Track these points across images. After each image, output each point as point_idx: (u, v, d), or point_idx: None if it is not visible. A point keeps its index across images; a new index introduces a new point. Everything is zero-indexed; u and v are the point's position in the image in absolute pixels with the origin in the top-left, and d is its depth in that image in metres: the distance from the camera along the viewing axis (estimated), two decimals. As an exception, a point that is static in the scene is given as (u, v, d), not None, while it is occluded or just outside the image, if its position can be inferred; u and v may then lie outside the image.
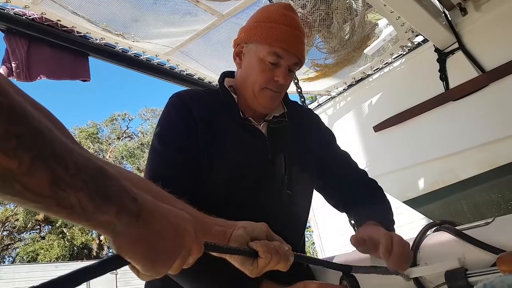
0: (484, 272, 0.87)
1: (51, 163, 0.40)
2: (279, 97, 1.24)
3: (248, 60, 1.22)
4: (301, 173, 1.25)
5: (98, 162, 0.47)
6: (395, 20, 2.70)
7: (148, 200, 0.53)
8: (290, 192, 1.20)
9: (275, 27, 1.17)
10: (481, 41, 2.69)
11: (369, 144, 3.32)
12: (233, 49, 1.29)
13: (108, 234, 0.48)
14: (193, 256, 0.61)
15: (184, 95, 1.23)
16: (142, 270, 0.53)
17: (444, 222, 1.09)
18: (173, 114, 1.18)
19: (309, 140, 1.33)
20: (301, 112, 1.40)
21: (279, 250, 0.76)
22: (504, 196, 2.60)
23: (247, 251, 0.74)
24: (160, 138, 1.15)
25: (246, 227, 0.79)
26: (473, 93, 2.69)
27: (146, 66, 2.89)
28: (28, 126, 0.39)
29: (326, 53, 3.00)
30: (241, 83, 1.24)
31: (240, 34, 1.26)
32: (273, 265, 0.75)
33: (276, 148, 1.22)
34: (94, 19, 2.48)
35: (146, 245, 0.51)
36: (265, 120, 1.26)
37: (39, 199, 0.40)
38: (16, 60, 2.35)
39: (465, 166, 2.74)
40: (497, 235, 0.94)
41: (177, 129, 1.15)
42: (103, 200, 0.45)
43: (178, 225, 0.56)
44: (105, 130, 25.72)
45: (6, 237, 21.72)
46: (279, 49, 1.16)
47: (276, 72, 1.17)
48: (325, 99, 3.74)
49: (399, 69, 3.18)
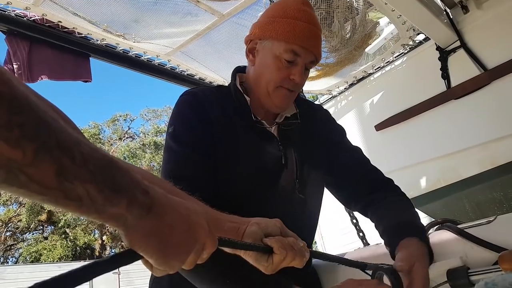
0: (486, 270, 0.87)
1: (56, 153, 0.39)
2: (293, 97, 1.20)
3: (262, 57, 1.16)
4: (312, 175, 1.22)
5: (107, 154, 0.46)
6: (396, 18, 2.69)
7: (159, 192, 0.52)
8: (302, 196, 1.16)
9: (292, 23, 1.11)
10: (483, 39, 2.68)
11: (371, 143, 3.31)
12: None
13: (119, 227, 0.47)
14: (207, 250, 0.59)
15: (198, 93, 1.18)
16: (155, 264, 0.52)
17: (446, 220, 1.09)
18: (188, 112, 1.14)
19: (319, 138, 1.29)
20: (311, 109, 1.36)
21: (294, 246, 0.75)
22: (507, 194, 2.59)
23: (261, 247, 0.72)
24: (175, 137, 1.10)
25: (260, 223, 0.78)
26: (475, 92, 2.68)
27: (147, 66, 2.89)
28: (32, 116, 0.38)
29: (327, 52, 2.99)
30: (254, 81, 1.19)
31: (254, 30, 1.20)
32: (289, 262, 0.74)
33: (288, 152, 1.18)
34: (95, 20, 2.48)
35: (158, 238, 0.50)
36: (276, 121, 1.22)
37: (45, 191, 0.39)
38: (18, 61, 2.35)
39: (467, 165, 2.73)
40: (499, 234, 0.93)
41: (192, 128, 1.11)
42: (112, 191, 0.44)
43: (190, 218, 0.55)
44: (107, 130, 25.80)
45: (9, 237, 21.78)
46: (296, 46, 1.11)
47: (293, 70, 1.13)
48: (326, 98, 3.73)
49: (400, 67, 3.17)
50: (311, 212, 1.23)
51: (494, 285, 0.49)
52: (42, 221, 21.61)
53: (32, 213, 20.68)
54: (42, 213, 20.98)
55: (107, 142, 25.24)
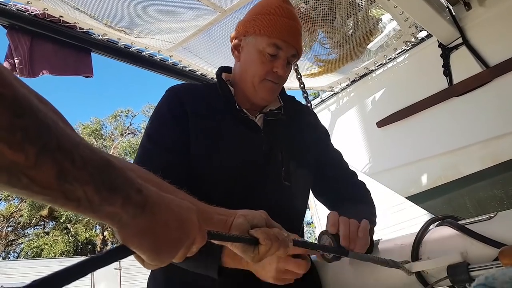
0: (487, 266, 0.87)
1: (57, 156, 0.40)
2: (278, 89, 1.25)
3: (247, 53, 1.22)
4: (299, 165, 1.26)
5: (104, 154, 0.48)
6: (399, 15, 2.69)
7: (152, 191, 0.54)
8: (287, 183, 1.20)
9: (273, 19, 1.18)
10: (485, 36, 2.67)
11: (372, 140, 3.31)
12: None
13: (114, 225, 0.49)
14: (196, 245, 0.61)
15: (178, 88, 1.24)
16: (147, 260, 0.54)
17: (446, 216, 1.09)
18: (164, 109, 1.19)
19: (305, 135, 1.33)
20: (298, 108, 1.41)
21: (279, 236, 0.78)
22: (507, 191, 2.59)
23: (248, 239, 0.75)
24: (149, 135, 1.16)
25: (246, 215, 0.80)
26: (476, 89, 2.68)
27: (149, 62, 2.88)
28: (34, 119, 0.38)
29: (329, 49, 2.99)
30: (240, 76, 1.25)
31: (238, 27, 1.26)
32: (274, 251, 0.77)
33: (272, 140, 1.22)
34: (97, 15, 2.48)
35: (151, 236, 0.52)
36: (261, 112, 1.26)
37: (46, 192, 0.40)
38: (19, 56, 2.36)
39: (469, 162, 2.73)
40: (499, 230, 0.93)
41: (167, 126, 1.16)
42: (109, 192, 0.46)
43: (182, 215, 0.57)
44: (109, 126, 25.84)
45: (11, 232, 21.89)
46: (278, 40, 1.17)
47: (275, 63, 1.18)
48: (328, 95, 3.73)
49: (402, 64, 3.16)
50: (298, 199, 1.27)
51: (494, 279, 0.49)
52: (43, 217, 21.70)
53: (34, 209, 20.76)
54: (43, 209, 21.06)
55: (109, 138, 25.29)
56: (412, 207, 3.02)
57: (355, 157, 3.18)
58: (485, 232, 0.94)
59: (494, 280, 0.50)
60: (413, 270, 1.02)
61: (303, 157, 1.29)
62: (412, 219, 2.95)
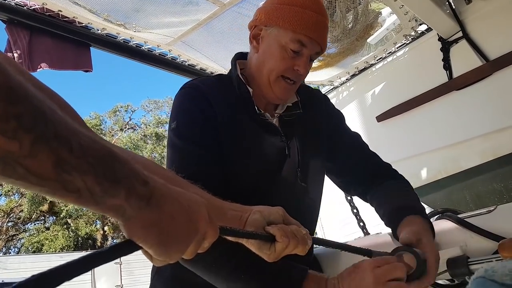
0: (486, 259, 0.87)
1: (54, 144, 0.38)
2: (294, 88, 1.18)
3: (267, 44, 1.14)
4: (313, 163, 1.22)
5: (107, 144, 0.46)
6: (399, 8, 2.67)
7: (159, 183, 0.52)
8: (304, 185, 1.17)
9: (300, 11, 1.08)
10: (485, 29, 2.66)
11: (372, 134, 3.30)
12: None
13: (118, 218, 0.47)
14: (208, 240, 0.59)
15: (199, 85, 1.15)
16: (154, 255, 0.52)
17: (446, 210, 1.09)
18: (190, 106, 1.11)
19: (319, 123, 1.29)
20: (310, 95, 1.34)
21: (297, 234, 0.74)
22: (507, 185, 2.59)
23: (264, 235, 0.72)
24: (179, 133, 1.08)
25: (262, 211, 0.77)
26: (476, 82, 2.67)
27: (148, 56, 2.87)
28: (29, 106, 0.37)
29: (329, 42, 2.98)
30: (257, 68, 1.17)
31: (259, 15, 1.17)
32: (291, 249, 0.73)
33: (290, 142, 1.18)
34: (95, 9, 2.46)
35: (158, 230, 0.49)
36: (278, 113, 1.22)
37: (44, 183, 0.39)
38: (18, 50, 2.35)
39: (468, 156, 2.73)
40: (499, 223, 0.94)
41: (196, 122, 1.09)
42: (111, 183, 0.44)
43: (191, 208, 0.55)
44: (108, 121, 25.82)
45: (11, 227, 21.92)
46: (304, 37, 1.08)
47: (297, 61, 1.11)
48: (328, 89, 3.72)
49: (402, 58, 3.15)
50: (313, 200, 1.23)
51: (494, 272, 0.49)
52: (43, 212, 21.72)
53: (34, 204, 20.77)
54: (43, 204, 21.08)
55: (108, 133, 25.26)
56: (412, 201, 3.02)
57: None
58: (484, 225, 0.94)
59: (494, 273, 0.50)
60: (413, 264, 1.02)
61: (317, 153, 1.25)
62: (412, 213, 2.95)
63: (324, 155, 1.28)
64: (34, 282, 0.40)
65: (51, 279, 0.41)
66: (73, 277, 0.43)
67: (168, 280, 1.12)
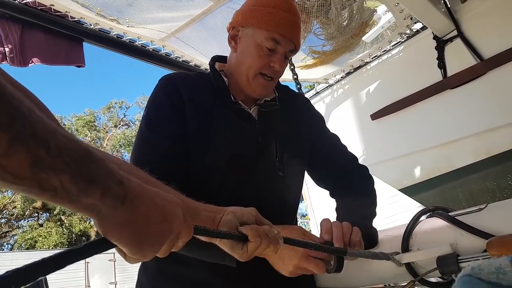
0: (476, 257, 0.87)
1: (31, 144, 0.38)
2: (272, 84, 1.24)
3: (244, 44, 1.20)
4: (293, 156, 1.25)
5: (83, 145, 0.46)
6: (394, 6, 2.67)
7: (134, 182, 0.52)
8: (281, 174, 1.19)
9: (274, 12, 1.15)
10: (480, 28, 2.66)
11: (366, 132, 3.31)
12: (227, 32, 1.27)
13: (93, 217, 0.48)
14: (182, 239, 0.60)
15: (173, 77, 1.21)
16: (129, 253, 0.53)
17: (437, 208, 1.09)
18: (162, 97, 1.17)
19: (300, 124, 1.33)
20: (292, 96, 1.39)
21: (269, 233, 0.76)
22: (500, 184, 2.60)
23: (236, 235, 0.74)
24: (147, 122, 1.13)
25: (235, 212, 0.79)
26: (470, 81, 2.67)
27: (141, 52, 2.85)
28: (5, 105, 0.37)
29: (324, 40, 2.97)
30: (236, 67, 1.23)
31: (237, 17, 1.24)
32: (263, 249, 0.75)
33: (266, 132, 1.21)
34: (88, 3, 2.44)
35: (132, 229, 0.50)
36: (256, 104, 1.25)
37: (19, 181, 0.39)
38: (10, 44, 2.32)
39: (462, 154, 2.74)
40: (489, 221, 0.93)
41: (165, 113, 1.13)
42: (87, 182, 0.44)
43: (165, 208, 0.55)
44: (102, 118, 25.71)
45: (4, 224, 21.81)
46: (277, 34, 1.15)
47: (273, 58, 1.17)
48: (322, 87, 3.72)
49: (397, 56, 3.15)
50: (291, 190, 1.26)
51: (480, 270, 0.49)
52: (37, 208, 21.62)
53: (27, 200, 20.67)
54: (37, 200, 20.96)
55: (103, 129, 25.18)
56: (405, 199, 3.03)
57: (349, 149, 3.15)
58: (475, 223, 0.94)
59: (480, 271, 0.49)
60: (403, 262, 1.02)
61: (297, 147, 1.28)
62: (405, 211, 2.96)
63: (304, 153, 1.31)
64: (9, 278, 0.40)
65: (26, 275, 0.41)
66: (48, 274, 0.43)
67: (153, 275, 1.14)
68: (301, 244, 0.85)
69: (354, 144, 3.32)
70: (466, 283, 0.49)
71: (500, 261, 0.52)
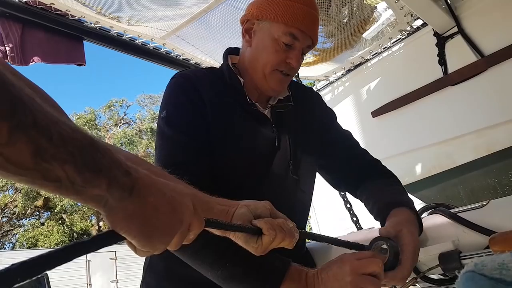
0: (478, 254, 0.87)
1: (32, 133, 0.38)
2: (288, 81, 1.20)
3: (260, 38, 1.14)
4: (305, 157, 1.22)
5: (87, 134, 0.45)
6: (394, 3, 2.66)
7: (142, 173, 0.51)
8: (296, 177, 1.17)
9: (292, 5, 1.09)
10: (480, 25, 2.66)
11: (367, 130, 3.30)
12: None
13: (100, 209, 0.47)
14: (193, 231, 0.58)
15: (189, 75, 1.16)
16: (138, 246, 0.51)
17: (439, 205, 1.09)
18: (180, 95, 1.11)
19: (311, 120, 1.29)
20: (303, 92, 1.36)
21: (284, 227, 0.74)
22: (501, 181, 2.60)
23: (250, 229, 0.72)
24: (168, 122, 1.08)
25: (249, 205, 0.77)
26: (471, 78, 2.67)
27: (142, 50, 2.84)
28: (6, 94, 0.36)
29: (325, 37, 2.97)
30: (250, 62, 1.18)
31: (251, 9, 1.18)
32: (278, 243, 0.73)
33: (282, 134, 1.18)
34: (88, 2, 2.43)
35: (141, 220, 0.49)
36: (270, 104, 1.22)
37: (22, 172, 0.38)
38: (10, 43, 2.32)
39: (463, 151, 2.73)
40: (491, 218, 0.93)
41: (186, 111, 1.09)
42: (92, 173, 0.43)
43: (175, 199, 0.54)
44: (103, 116, 25.70)
45: (6, 223, 21.83)
46: (295, 30, 1.10)
47: (290, 54, 1.12)
48: (323, 85, 3.71)
49: (397, 53, 3.15)
50: (304, 192, 1.23)
51: (483, 266, 0.49)
52: (38, 207, 21.64)
53: (28, 199, 20.69)
54: (38, 199, 20.99)
55: (103, 128, 25.17)
56: (406, 197, 3.02)
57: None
58: (477, 220, 0.94)
59: (483, 267, 0.49)
60: (405, 258, 1.02)
61: (309, 148, 1.25)
62: (406, 208, 2.95)
63: (316, 150, 1.28)
64: (15, 270, 0.39)
65: (32, 268, 0.40)
66: (54, 267, 0.42)
67: (160, 274, 1.11)
68: (320, 238, 0.83)
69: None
70: (469, 279, 0.49)
71: (503, 257, 0.52)
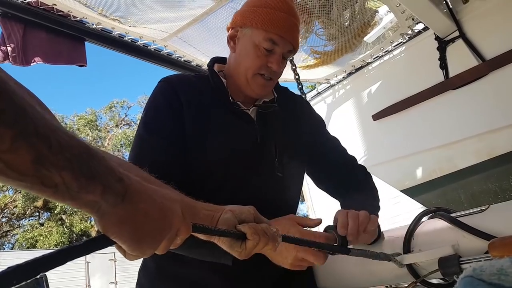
0: (477, 258, 0.87)
1: (34, 141, 0.39)
2: (271, 84, 1.24)
3: (242, 44, 1.21)
4: (292, 157, 1.25)
5: (84, 142, 0.47)
6: (396, 7, 2.67)
7: (134, 180, 0.53)
8: (280, 175, 1.19)
9: (272, 13, 1.16)
10: (482, 29, 2.66)
11: (368, 133, 3.31)
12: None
13: (93, 214, 0.48)
14: (180, 236, 0.61)
15: (171, 79, 1.22)
16: (128, 250, 0.53)
17: (439, 209, 1.09)
18: (159, 98, 1.17)
19: (299, 126, 1.33)
20: (291, 98, 1.40)
21: (267, 231, 0.76)
22: (502, 185, 2.59)
23: (235, 233, 0.74)
24: (145, 124, 1.14)
25: (234, 210, 0.79)
26: (472, 82, 2.67)
27: (143, 52, 2.85)
28: (10, 103, 0.37)
29: (326, 40, 2.97)
30: (234, 68, 1.23)
31: (236, 17, 1.25)
32: (262, 247, 0.75)
33: (265, 132, 1.21)
34: (90, 3, 2.44)
35: (131, 226, 0.51)
36: (254, 105, 1.26)
37: (22, 178, 0.39)
38: (12, 44, 2.33)
39: (464, 155, 2.73)
40: (491, 222, 0.93)
41: (162, 114, 1.14)
42: (88, 179, 0.45)
43: (164, 206, 0.56)
44: (104, 117, 25.70)
45: (5, 223, 21.83)
46: (275, 35, 1.15)
47: (270, 58, 1.17)
48: (324, 87, 3.72)
49: (399, 57, 3.15)
50: (290, 192, 1.26)
51: (482, 271, 0.49)
52: (38, 208, 21.63)
53: (28, 199, 20.69)
54: (38, 200, 20.99)
55: (104, 129, 25.19)
56: (407, 200, 3.02)
57: (350, 150, 3.13)
58: (477, 224, 0.94)
59: (482, 272, 0.49)
60: (404, 263, 1.02)
61: (296, 148, 1.28)
62: (407, 212, 2.95)
63: (304, 154, 1.32)
64: (11, 273, 0.40)
65: (27, 271, 0.41)
66: (49, 270, 0.43)
67: (152, 274, 1.15)
68: (301, 242, 0.85)
69: (356, 144, 3.32)
70: (467, 284, 0.48)
71: (502, 262, 0.52)
